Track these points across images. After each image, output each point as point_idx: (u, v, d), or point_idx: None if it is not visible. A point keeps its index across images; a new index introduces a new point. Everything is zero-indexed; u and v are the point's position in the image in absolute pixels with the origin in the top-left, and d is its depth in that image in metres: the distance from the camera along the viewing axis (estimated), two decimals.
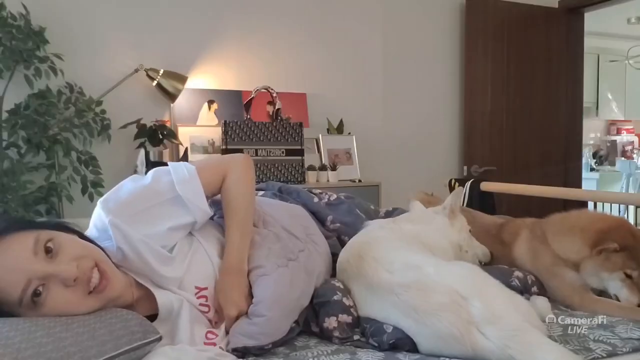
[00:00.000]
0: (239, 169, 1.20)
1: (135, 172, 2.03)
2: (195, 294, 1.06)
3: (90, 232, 1.07)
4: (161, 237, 1.06)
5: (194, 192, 1.10)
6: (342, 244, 1.35)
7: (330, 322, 1.05)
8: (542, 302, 1.20)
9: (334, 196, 1.52)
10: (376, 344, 1.02)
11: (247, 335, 0.97)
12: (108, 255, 1.01)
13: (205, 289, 1.07)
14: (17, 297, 0.86)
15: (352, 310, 1.08)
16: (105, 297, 0.94)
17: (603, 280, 1.27)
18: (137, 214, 1.05)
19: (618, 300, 1.25)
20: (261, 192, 1.48)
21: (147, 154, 2.67)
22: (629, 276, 1.24)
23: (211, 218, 1.21)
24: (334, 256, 1.29)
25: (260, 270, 1.08)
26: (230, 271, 1.08)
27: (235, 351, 0.97)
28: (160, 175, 1.12)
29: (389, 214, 1.53)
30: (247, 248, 1.12)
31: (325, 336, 1.07)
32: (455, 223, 1.36)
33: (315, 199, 1.47)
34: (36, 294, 0.87)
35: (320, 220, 1.41)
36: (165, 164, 1.16)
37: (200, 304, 1.05)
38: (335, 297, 1.09)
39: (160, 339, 0.91)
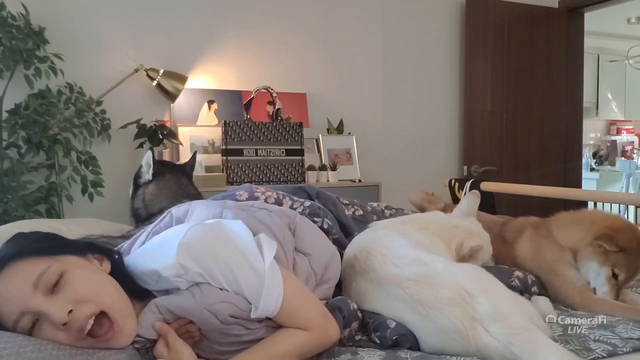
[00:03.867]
0: (321, 336, 0.96)
1: (138, 172, 2.01)
2: None
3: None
4: None
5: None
6: None
7: (344, 333, 1.04)
8: (543, 302, 1.21)
9: (360, 212, 1.50)
10: (378, 340, 1.02)
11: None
12: (142, 288, 0.95)
13: None
14: (10, 326, 0.84)
15: (358, 313, 1.08)
16: (106, 345, 0.86)
17: (591, 269, 1.30)
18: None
19: (595, 292, 1.29)
20: (307, 203, 1.35)
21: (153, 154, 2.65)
22: (615, 275, 1.27)
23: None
24: None
25: None
26: None
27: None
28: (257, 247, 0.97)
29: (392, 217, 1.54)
30: None
31: None
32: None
33: (347, 212, 1.45)
34: (30, 326, 0.84)
35: (347, 233, 1.37)
36: (171, 164, 1.13)
37: None
38: (352, 307, 1.07)
39: None
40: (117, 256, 1.00)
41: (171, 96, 2.88)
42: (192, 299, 0.91)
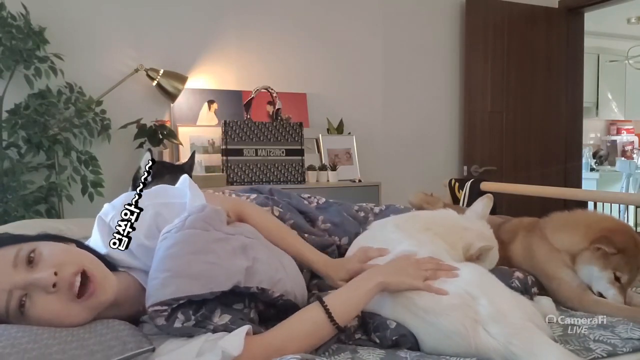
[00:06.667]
0: (255, 207, 1.27)
1: (137, 174, 2.01)
2: None
3: (94, 233, 1.09)
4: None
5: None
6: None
7: None
8: (546, 302, 1.21)
9: (323, 199, 1.56)
10: (378, 340, 1.02)
11: None
12: (108, 260, 1.01)
13: None
14: (2, 309, 0.85)
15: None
16: (94, 302, 0.91)
17: (592, 274, 1.27)
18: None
19: (602, 297, 1.27)
20: (253, 196, 1.47)
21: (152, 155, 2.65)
22: (617, 278, 1.25)
23: None
24: (329, 247, 1.33)
25: None
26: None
27: None
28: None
29: (382, 213, 1.54)
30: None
31: None
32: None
33: (306, 202, 1.49)
34: (21, 304, 0.86)
35: (311, 220, 1.42)
36: (170, 164, 1.16)
37: None
38: None
39: (153, 349, 0.88)
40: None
41: (171, 96, 2.88)
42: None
